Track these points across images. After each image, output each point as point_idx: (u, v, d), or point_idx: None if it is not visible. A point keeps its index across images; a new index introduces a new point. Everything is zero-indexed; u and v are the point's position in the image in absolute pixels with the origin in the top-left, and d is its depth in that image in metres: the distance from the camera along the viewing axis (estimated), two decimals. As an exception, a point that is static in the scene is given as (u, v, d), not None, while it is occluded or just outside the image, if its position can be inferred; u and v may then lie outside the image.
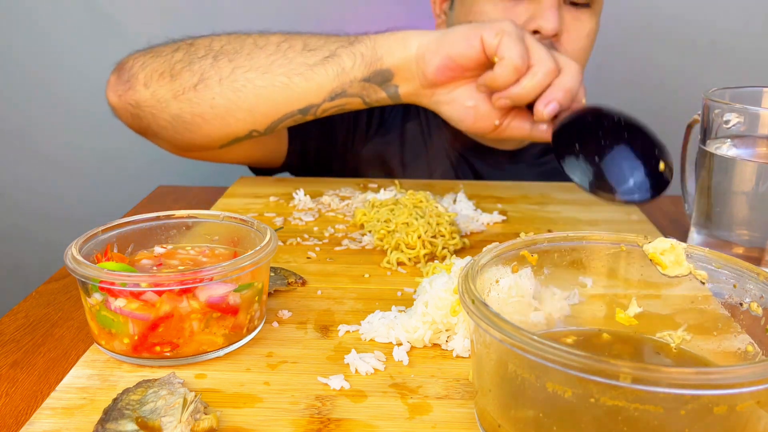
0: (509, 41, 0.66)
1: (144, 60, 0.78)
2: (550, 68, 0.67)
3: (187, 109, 0.75)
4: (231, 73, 0.73)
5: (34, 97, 1.42)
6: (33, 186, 1.49)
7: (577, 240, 0.46)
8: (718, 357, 0.42)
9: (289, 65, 0.72)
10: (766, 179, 0.58)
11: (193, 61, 0.75)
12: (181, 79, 0.75)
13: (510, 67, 0.67)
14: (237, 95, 0.74)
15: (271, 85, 0.73)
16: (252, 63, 0.73)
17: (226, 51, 0.74)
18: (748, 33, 1.32)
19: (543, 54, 0.68)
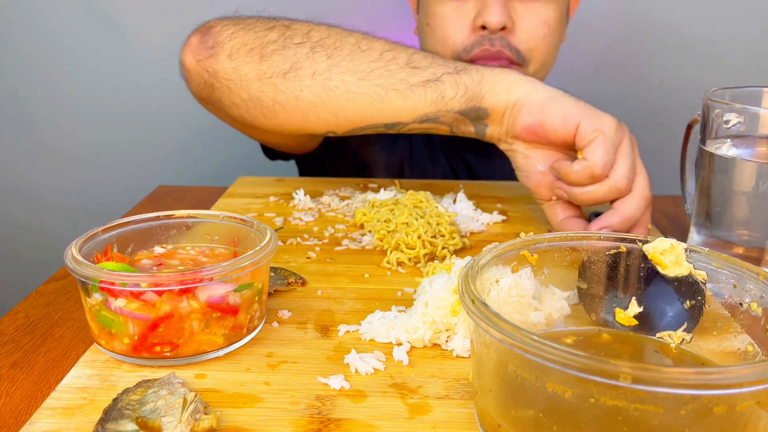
0: (600, 145, 0.64)
1: (234, 30, 0.73)
2: (620, 188, 0.65)
3: (269, 94, 0.71)
4: (326, 70, 0.69)
5: (34, 97, 1.42)
6: (33, 186, 1.49)
7: (577, 240, 0.46)
8: (717, 357, 0.42)
9: (389, 78, 0.69)
10: (766, 179, 0.58)
11: (288, 46, 0.70)
12: (270, 62, 0.70)
13: (587, 172, 0.65)
14: (327, 94, 0.70)
15: (365, 94, 0.69)
16: (351, 65, 0.69)
17: (325, 44, 0.70)
18: (747, 33, 1.32)
19: (623, 172, 0.65)
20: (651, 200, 0.67)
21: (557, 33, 0.90)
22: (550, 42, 0.89)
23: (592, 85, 1.38)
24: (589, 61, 1.36)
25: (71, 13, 1.36)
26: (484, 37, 0.86)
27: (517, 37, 0.87)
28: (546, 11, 0.87)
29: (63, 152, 1.46)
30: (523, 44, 0.87)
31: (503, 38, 0.86)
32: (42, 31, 1.37)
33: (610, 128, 0.65)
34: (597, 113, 0.66)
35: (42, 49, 1.39)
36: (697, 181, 0.64)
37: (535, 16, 0.87)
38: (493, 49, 0.86)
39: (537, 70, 0.90)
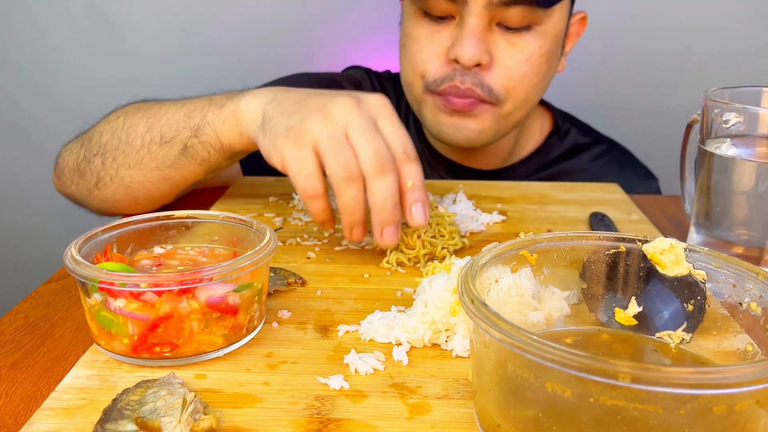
0: (289, 171, 0.60)
1: (64, 156, 0.82)
2: (339, 185, 0.58)
3: (101, 201, 0.80)
4: (117, 173, 0.76)
5: (35, 96, 1.43)
6: (33, 186, 1.49)
7: (577, 240, 0.46)
8: (717, 357, 0.42)
9: (155, 160, 0.73)
10: (765, 179, 0.58)
11: (90, 159, 0.78)
12: (85, 179, 0.79)
13: (304, 198, 0.60)
14: (129, 189, 0.76)
15: (151, 180, 0.75)
16: (128, 161, 0.75)
17: (109, 148, 0.76)
18: (747, 34, 1.32)
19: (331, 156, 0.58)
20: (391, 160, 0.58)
21: (542, 70, 0.84)
22: (533, 80, 0.83)
23: (592, 85, 1.39)
24: (589, 61, 1.36)
25: (71, 14, 1.36)
26: (456, 72, 0.81)
27: (493, 74, 0.81)
28: (530, 46, 0.81)
29: (63, 153, 1.46)
30: (499, 83, 0.81)
31: (477, 75, 0.80)
32: (41, 31, 1.37)
33: (288, 148, 0.60)
34: (273, 139, 0.62)
35: (41, 49, 1.39)
36: (697, 181, 0.64)
37: (517, 52, 0.81)
38: (462, 86, 0.81)
39: (515, 108, 0.85)
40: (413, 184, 0.60)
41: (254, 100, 0.68)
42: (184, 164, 0.73)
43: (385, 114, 0.61)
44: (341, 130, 0.59)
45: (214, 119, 0.71)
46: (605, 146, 1.02)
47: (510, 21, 0.79)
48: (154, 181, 0.75)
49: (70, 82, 1.41)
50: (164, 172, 0.74)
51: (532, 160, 1.00)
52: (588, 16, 0.94)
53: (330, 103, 0.61)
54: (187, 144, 0.72)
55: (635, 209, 0.81)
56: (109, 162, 0.76)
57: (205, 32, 1.36)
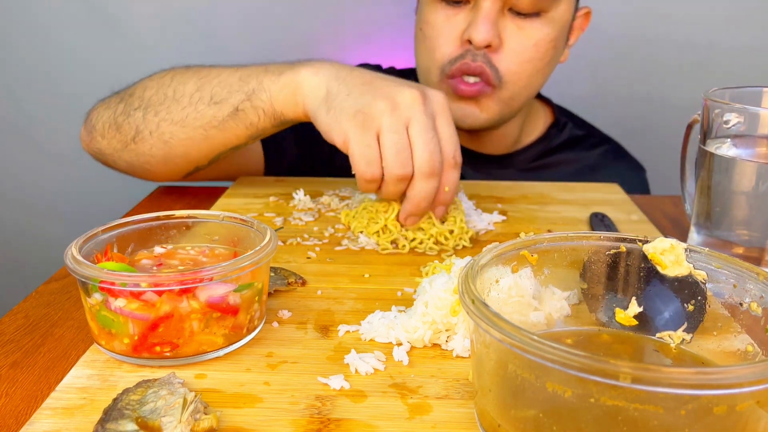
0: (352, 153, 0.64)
1: (100, 111, 0.83)
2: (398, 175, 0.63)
3: (134, 157, 0.81)
4: (158, 127, 0.77)
5: (35, 96, 1.42)
6: (33, 186, 1.49)
7: (577, 240, 0.46)
8: (717, 357, 0.42)
9: (202, 119, 0.75)
10: (766, 179, 0.58)
11: (130, 113, 0.79)
12: (122, 132, 0.80)
13: (361, 181, 0.65)
14: (168, 145, 0.78)
15: (193, 138, 0.76)
16: (171, 116, 0.76)
17: (152, 102, 0.78)
18: (747, 33, 1.32)
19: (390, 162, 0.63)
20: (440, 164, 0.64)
21: (547, 57, 0.87)
22: (536, 66, 0.87)
23: (591, 85, 1.39)
24: (589, 61, 1.36)
25: (71, 14, 1.36)
26: (468, 52, 0.85)
27: (500, 56, 0.85)
28: (539, 33, 0.85)
29: (62, 152, 1.46)
30: (505, 65, 0.85)
31: (486, 56, 0.84)
32: (42, 31, 1.37)
33: (353, 130, 0.63)
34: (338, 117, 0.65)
35: (41, 49, 1.39)
36: (697, 181, 0.64)
37: (526, 37, 0.85)
38: (473, 64, 0.85)
39: (517, 93, 0.88)
40: (449, 189, 0.66)
41: (317, 74, 0.70)
42: (231, 126, 0.75)
43: (445, 114, 0.66)
44: (405, 123, 0.63)
45: (271, 86, 0.72)
46: (597, 139, 1.08)
47: (521, 7, 0.83)
48: (195, 140, 0.76)
49: (71, 83, 1.41)
50: (208, 132, 0.76)
51: (535, 148, 1.04)
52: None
53: (399, 93, 0.64)
54: (238, 107, 0.73)
55: (635, 209, 0.81)
56: (151, 116, 0.77)
57: (206, 32, 1.36)
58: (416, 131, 0.63)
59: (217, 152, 0.79)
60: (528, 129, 1.04)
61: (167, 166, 0.81)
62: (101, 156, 0.85)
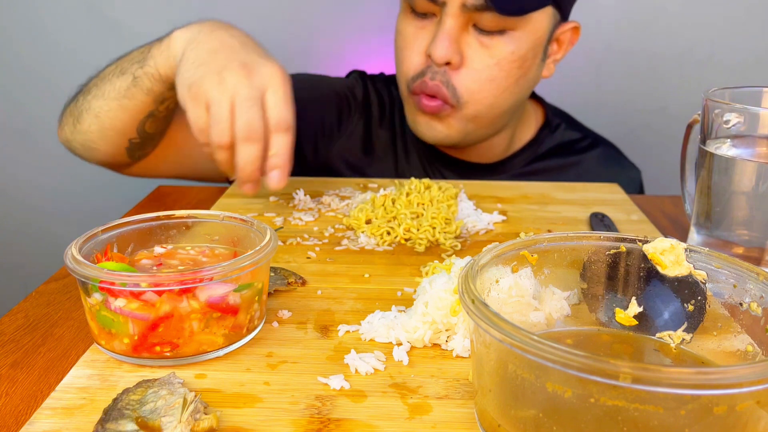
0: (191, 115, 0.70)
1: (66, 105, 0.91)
2: (217, 143, 0.69)
3: (81, 138, 0.87)
4: (90, 105, 0.84)
5: (35, 96, 1.42)
6: (33, 186, 1.49)
7: (577, 240, 0.46)
8: (717, 357, 0.42)
9: (114, 90, 0.82)
10: (766, 179, 0.58)
11: (78, 98, 0.87)
12: (72, 116, 0.87)
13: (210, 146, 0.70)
14: (99, 120, 0.84)
15: (112, 108, 0.82)
16: (99, 92, 0.83)
17: (90, 86, 0.85)
18: (747, 33, 1.32)
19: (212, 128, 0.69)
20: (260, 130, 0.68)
21: (513, 75, 0.85)
22: (501, 84, 0.85)
23: (592, 85, 1.39)
24: (589, 61, 1.36)
25: (71, 14, 1.36)
26: (428, 69, 0.84)
27: (460, 75, 0.83)
28: (502, 51, 0.83)
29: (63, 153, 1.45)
30: (464, 85, 0.84)
31: (445, 74, 0.83)
32: (42, 31, 1.37)
33: (188, 102, 0.70)
34: (181, 89, 0.71)
35: (41, 49, 1.39)
36: (697, 181, 0.64)
37: (488, 55, 0.83)
38: (430, 83, 0.84)
39: (479, 112, 0.87)
40: (276, 152, 0.70)
41: (181, 36, 0.76)
42: (135, 93, 0.80)
43: (273, 85, 0.70)
44: (229, 96, 0.68)
45: (155, 51, 0.78)
46: (592, 140, 1.06)
47: (484, 24, 0.82)
48: (114, 110, 0.82)
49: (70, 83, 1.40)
50: (121, 102, 0.81)
51: (526, 152, 1.02)
52: (589, 16, 0.95)
53: (227, 69, 0.69)
54: (135, 75, 0.80)
55: (635, 209, 0.81)
56: (87, 96, 0.85)
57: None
58: (237, 102, 0.68)
59: (135, 120, 0.83)
60: (519, 134, 1.02)
61: (105, 140, 0.85)
62: (66, 144, 0.91)
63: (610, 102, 1.39)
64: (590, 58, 1.36)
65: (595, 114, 1.33)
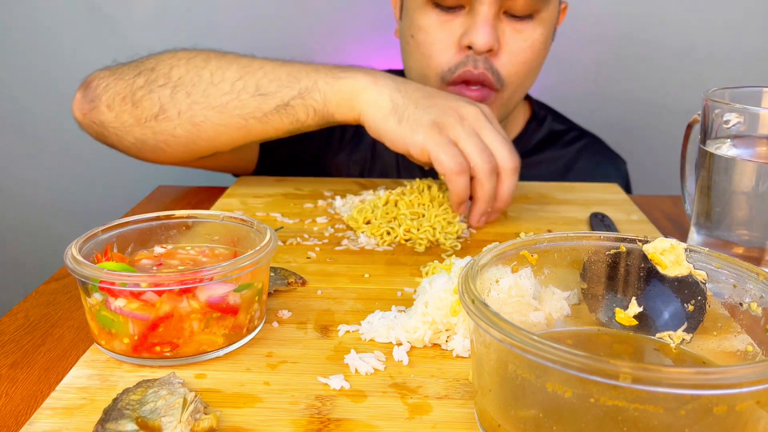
0: (442, 156, 0.68)
1: (108, 81, 0.80)
2: (484, 170, 0.69)
3: (150, 135, 0.78)
4: (189, 108, 0.76)
5: (35, 96, 1.42)
6: (33, 186, 1.49)
7: (577, 240, 0.46)
8: (717, 357, 0.42)
9: (243, 108, 0.75)
10: (766, 179, 0.58)
11: (153, 89, 0.77)
12: (142, 107, 0.77)
13: (452, 186, 0.69)
14: (197, 129, 0.77)
15: (228, 125, 0.76)
16: (208, 101, 0.75)
17: (183, 83, 0.76)
18: (747, 33, 1.32)
19: (474, 158, 0.69)
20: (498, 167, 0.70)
21: (540, 56, 0.88)
22: (531, 66, 0.88)
23: (592, 85, 1.39)
24: (590, 61, 1.36)
25: (71, 13, 1.36)
26: (469, 58, 0.84)
27: (500, 60, 0.85)
28: (534, 34, 0.85)
29: (63, 152, 1.46)
30: (505, 68, 0.85)
31: (487, 60, 0.84)
32: (42, 31, 1.37)
33: (431, 136, 0.69)
34: (413, 128, 0.70)
35: (42, 49, 1.39)
36: (697, 181, 0.64)
37: (522, 39, 0.85)
38: (476, 71, 0.84)
39: (513, 93, 0.89)
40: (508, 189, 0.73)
41: (376, 84, 0.74)
42: (274, 120, 0.76)
43: (497, 124, 0.74)
44: (476, 131, 0.71)
45: (326, 87, 0.74)
46: (578, 132, 1.08)
47: (516, 9, 0.83)
48: (230, 127, 0.76)
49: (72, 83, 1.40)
50: (248, 122, 0.76)
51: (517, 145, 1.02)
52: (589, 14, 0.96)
53: (462, 107, 0.72)
54: (289, 102, 0.75)
55: (635, 209, 0.81)
56: (182, 96, 0.76)
57: (205, 32, 1.36)
58: (489, 137, 0.71)
59: (248, 141, 0.79)
60: (509, 127, 1.04)
61: (187, 147, 0.79)
62: (101, 128, 0.81)
63: (610, 101, 1.39)
64: (590, 58, 1.36)
65: (595, 113, 1.34)
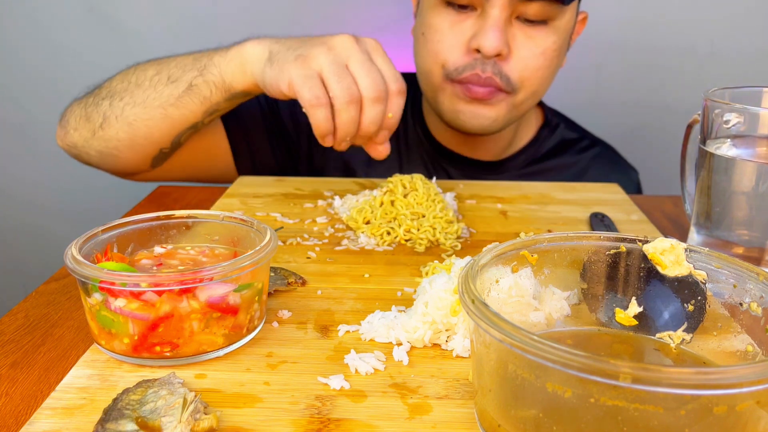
0: (301, 89, 0.68)
1: (73, 107, 0.88)
2: (346, 99, 0.68)
3: (103, 144, 0.85)
4: (122, 111, 0.82)
5: (35, 96, 1.42)
6: (33, 185, 1.49)
7: (577, 240, 0.46)
8: (717, 357, 0.42)
9: (160, 98, 0.80)
10: (766, 179, 0.58)
11: (98, 103, 0.84)
12: (91, 121, 0.84)
13: (312, 118, 0.69)
14: (132, 128, 0.82)
15: (153, 117, 0.81)
16: (134, 99, 0.81)
17: (118, 90, 0.83)
18: (747, 33, 1.32)
19: (335, 81, 0.68)
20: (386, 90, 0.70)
21: (554, 64, 0.88)
22: (545, 73, 0.87)
23: (592, 85, 1.39)
24: (590, 61, 1.36)
25: (71, 13, 1.36)
26: (477, 61, 0.84)
27: (510, 65, 0.84)
28: (546, 41, 0.85)
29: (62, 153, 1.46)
30: (516, 73, 0.85)
31: (496, 65, 0.84)
32: (42, 31, 1.37)
33: (295, 71, 0.69)
34: (281, 66, 0.70)
35: (41, 49, 1.39)
36: (697, 181, 0.64)
37: (534, 45, 0.84)
38: (483, 74, 0.84)
39: (526, 98, 0.89)
40: (393, 115, 0.72)
41: (259, 43, 0.76)
42: (186, 102, 0.80)
43: (380, 52, 0.72)
44: (343, 60, 0.69)
45: (220, 60, 0.78)
46: (590, 141, 1.08)
47: (529, 14, 0.83)
48: (156, 119, 0.81)
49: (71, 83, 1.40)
50: (167, 110, 0.80)
51: (527, 152, 1.04)
52: (590, 15, 0.96)
53: (331, 39, 0.70)
54: (192, 82, 0.79)
55: (635, 209, 0.81)
56: (117, 102, 0.82)
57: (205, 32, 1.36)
58: (355, 65, 0.69)
59: (177, 131, 0.83)
60: (520, 132, 1.03)
61: (133, 149, 0.84)
62: (74, 149, 0.89)
63: (611, 101, 1.39)
64: (591, 58, 1.36)
65: (595, 113, 1.33)
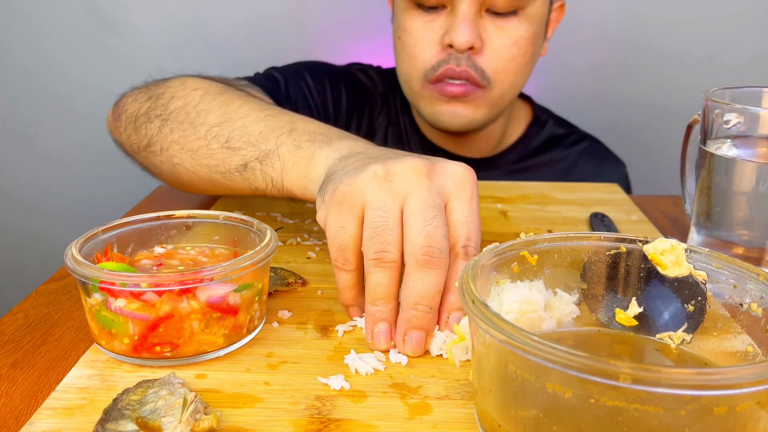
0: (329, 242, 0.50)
1: (128, 101, 0.76)
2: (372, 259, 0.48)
3: (147, 165, 0.75)
4: (169, 147, 0.69)
5: (35, 96, 1.42)
6: (33, 186, 1.49)
7: (577, 240, 0.46)
8: (718, 357, 0.42)
9: (210, 159, 0.66)
10: (766, 179, 0.58)
11: (150, 119, 0.71)
12: (138, 136, 0.72)
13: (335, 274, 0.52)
14: (175, 169, 0.70)
15: (197, 173, 0.68)
16: (185, 142, 0.67)
17: (173, 118, 0.69)
18: (747, 33, 1.32)
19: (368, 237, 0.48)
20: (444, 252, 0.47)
21: (528, 53, 0.88)
22: (519, 63, 0.88)
23: (592, 86, 1.39)
24: (590, 62, 1.36)
25: (71, 14, 1.36)
26: (451, 56, 0.85)
27: (484, 57, 0.85)
28: (518, 31, 0.85)
29: (62, 153, 1.46)
30: (490, 65, 0.86)
31: (470, 58, 0.85)
32: (41, 32, 1.37)
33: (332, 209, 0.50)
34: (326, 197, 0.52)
35: (41, 50, 1.39)
36: (697, 181, 0.64)
37: (506, 36, 0.85)
38: (458, 68, 0.85)
39: (504, 92, 0.89)
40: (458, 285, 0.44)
41: (329, 156, 0.56)
42: (237, 180, 0.64)
43: (464, 192, 0.50)
44: (398, 198, 0.48)
45: (287, 155, 0.59)
46: (578, 136, 1.09)
47: (498, 7, 0.84)
48: (200, 175, 0.68)
49: (70, 84, 1.41)
50: (212, 175, 0.66)
51: (516, 148, 1.05)
52: (590, 15, 0.96)
53: (396, 161, 0.49)
54: (248, 164, 0.62)
55: (635, 209, 0.81)
56: (166, 132, 0.69)
57: (205, 33, 1.36)
58: (411, 210, 0.47)
59: (220, 193, 0.73)
60: (510, 129, 1.05)
61: (175, 184, 0.74)
62: (123, 149, 0.78)
63: (610, 101, 1.39)
64: (590, 58, 1.36)
65: (595, 114, 1.34)
